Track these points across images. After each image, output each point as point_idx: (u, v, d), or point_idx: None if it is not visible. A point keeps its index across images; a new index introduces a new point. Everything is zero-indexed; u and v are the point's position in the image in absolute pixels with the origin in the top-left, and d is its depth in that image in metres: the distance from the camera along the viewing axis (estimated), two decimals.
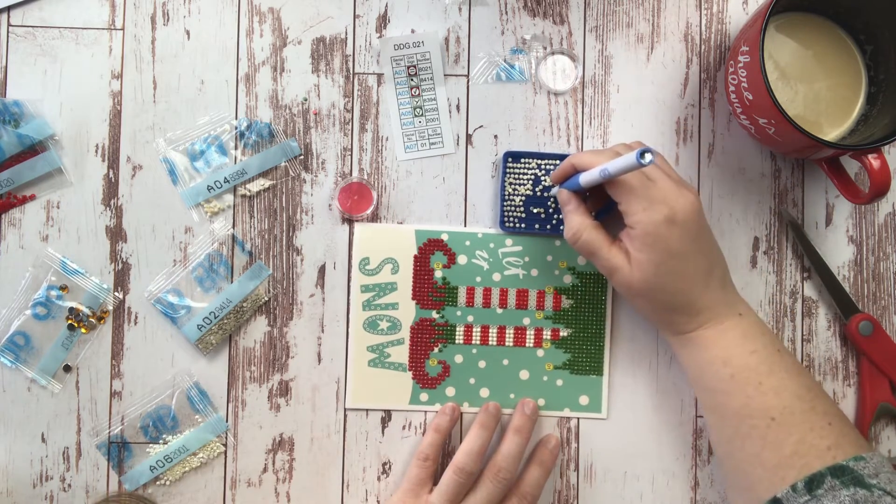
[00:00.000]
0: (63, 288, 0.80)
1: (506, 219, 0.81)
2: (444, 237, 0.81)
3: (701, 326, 0.73)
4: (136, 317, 0.81)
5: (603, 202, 0.79)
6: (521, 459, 0.78)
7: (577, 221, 0.75)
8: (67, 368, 0.80)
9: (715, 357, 0.72)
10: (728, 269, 0.75)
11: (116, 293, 0.81)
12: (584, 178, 0.72)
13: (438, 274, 0.81)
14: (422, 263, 0.81)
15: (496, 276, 0.82)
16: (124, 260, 0.81)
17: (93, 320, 0.80)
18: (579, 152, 0.75)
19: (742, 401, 0.71)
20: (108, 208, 0.81)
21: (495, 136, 0.82)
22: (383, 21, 0.82)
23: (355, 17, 0.82)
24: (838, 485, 0.65)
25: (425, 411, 0.81)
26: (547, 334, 0.82)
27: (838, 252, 0.83)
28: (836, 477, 0.66)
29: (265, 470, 0.81)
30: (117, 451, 0.80)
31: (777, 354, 0.72)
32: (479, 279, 0.82)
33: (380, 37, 0.82)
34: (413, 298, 0.82)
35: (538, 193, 0.81)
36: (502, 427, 0.81)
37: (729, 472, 0.74)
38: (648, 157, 0.61)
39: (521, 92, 0.82)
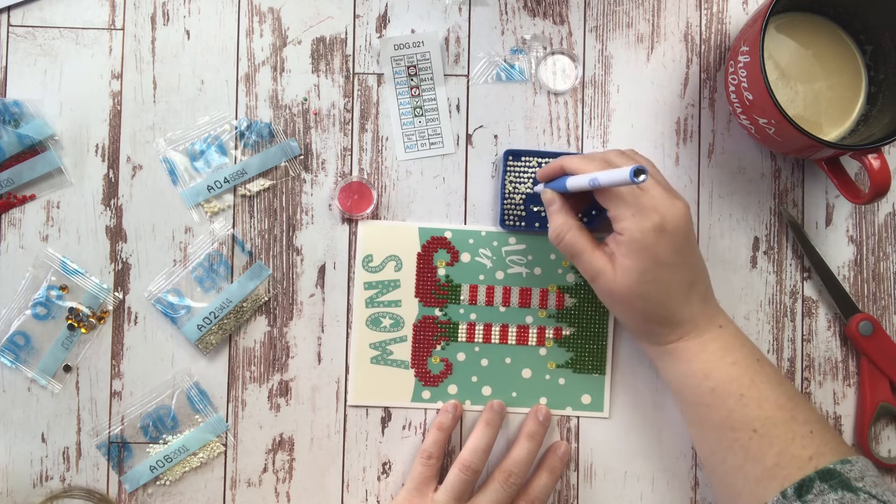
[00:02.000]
0: (63, 288, 0.80)
1: (506, 217, 0.81)
2: (448, 235, 0.81)
3: (681, 339, 0.73)
4: (136, 317, 0.81)
5: (586, 205, 0.79)
6: (531, 465, 0.79)
7: (560, 221, 0.74)
8: (67, 368, 0.80)
9: (696, 370, 0.72)
10: (710, 283, 0.75)
11: (116, 293, 0.81)
12: (572, 183, 0.72)
13: (441, 272, 0.81)
14: (425, 261, 0.82)
15: (499, 275, 0.82)
16: (124, 260, 0.81)
17: (93, 320, 0.80)
18: (570, 155, 0.75)
19: (724, 413, 0.70)
20: (108, 208, 0.81)
21: (495, 136, 0.82)
22: (383, 21, 0.82)
23: (355, 17, 0.82)
24: (826, 489, 0.65)
25: (426, 409, 0.81)
26: (549, 333, 0.82)
27: (838, 252, 0.83)
28: (824, 481, 0.66)
29: (265, 470, 0.81)
30: (117, 451, 0.80)
31: (757, 364, 0.72)
32: (482, 277, 0.82)
33: (380, 37, 0.82)
34: (416, 296, 0.82)
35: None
36: (507, 426, 0.81)
37: (713, 484, 0.74)
38: (643, 176, 0.60)
39: (521, 92, 0.83)
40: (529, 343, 0.82)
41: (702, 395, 0.72)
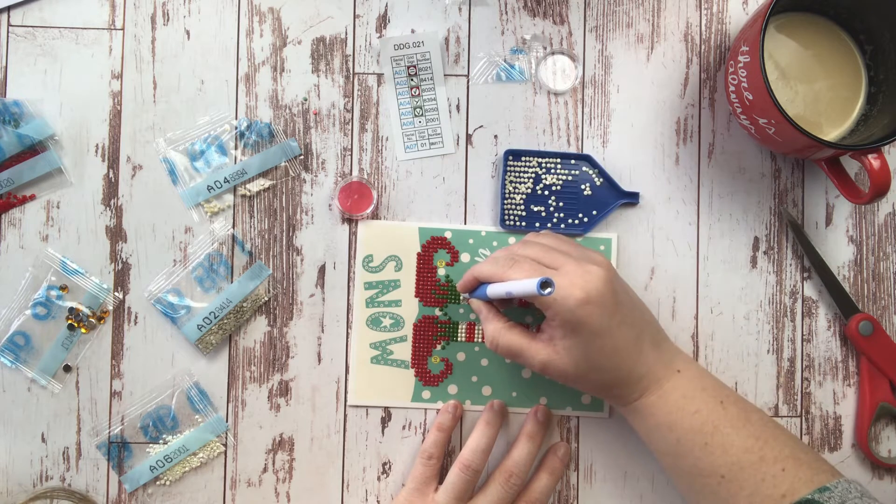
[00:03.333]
0: (63, 288, 0.80)
1: (506, 217, 0.81)
2: (448, 235, 0.81)
3: (643, 395, 0.72)
4: (136, 317, 0.81)
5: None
6: (531, 465, 0.79)
7: (491, 328, 0.75)
8: (67, 368, 0.80)
9: (660, 424, 0.72)
10: (657, 324, 0.75)
11: (116, 293, 0.81)
12: (492, 292, 0.72)
13: (441, 272, 0.81)
14: (425, 261, 0.82)
15: None
16: (124, 260, 0.81)
17: (93, 320, 0.80)
18: (479, 264, 0.76)
19: (691, 462, 0.70)
20: (108, 208, 0.81)
21: (495, 136, 0.82)
22: (383, 21, 0.82)
23: (355, 17, 0.82)
24: None
25: (426, 409, 0.81)
26: None
27: (838, 252, 0.83)
28: None
29: (265, 470, 0.81)
30: (117, 451, 0.80)
31: (720, 408, 0.71)
32: None
33: (380, 37, 0.82)
34: (416, 296, 0.82)
35: (539, 192, 0.81)
36: (507, 427, 0.81)
37: None
38: (549, 289, 0.60)
39: (521, 92, 0.83)
40: None
41: (669, 446, 0.72)
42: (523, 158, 0.81)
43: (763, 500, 0.67)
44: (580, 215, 0.81)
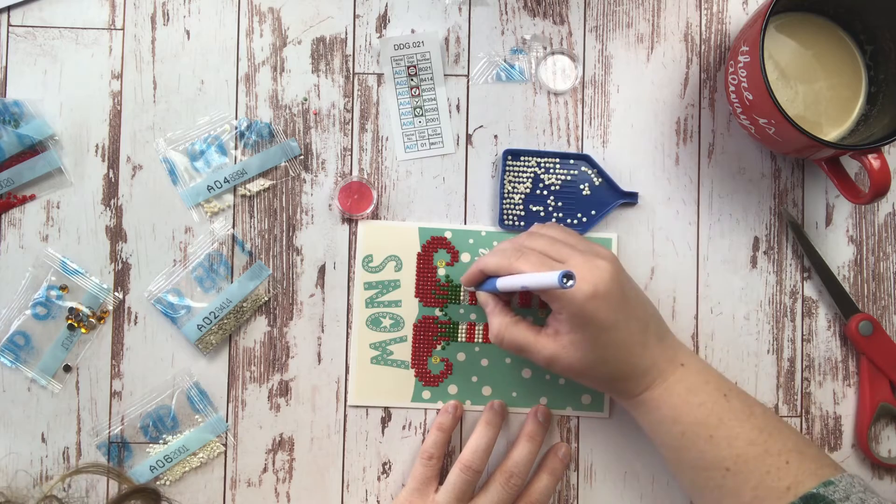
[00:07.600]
0: (63, 288, 0.80)
1: (505, 217, 0.81)
2: (448, 235, 0.81)
3: (647, 388, 0.72)
4: (136, 317, 0.81)
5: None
6: (532, 466, 0.79)
7: (497, 322, 0.75)
8: (67, 368, 0.80)
9: (664, 417, 0.72)
10: (661, 318, 0.75)
11: (116, 293, 0.81)
12: (502, 285, 0.72)
13: (441, 272, 0.81)
14: (425, 261, 0.81)
15: None
16: (124, 260, 0.81)
17: (93, 320, 0.80)
18: (484, 256, 0.76)
19: (695, 455, 0.70)
20: (108, 208, 0.81)
21: (495, 136, 0.82)
22: (383, 21, 0.82)
23: (355, 17, 0.82)
24: None
25: (426, 409, 0.81)
26: None
27: (838, 252, 0.83)
28: None
29: (265, 470, 0.81)
30: (117, 451, 0.80)
31: (724, 401, 0.71)
32: None
33: (380, 37, 0.82)
34: (416, 296, 0.82)
35: (538, 192, 0.81)
36: (507, 427, 0.81)
37: None
38: (571, 282, 0.60)
39: (521, 92, 0.83)
40: None
41: (673, 439, 0.72)
42: (522, 158, 0.81)
43: (768, 493, 0.68)
44: (579, 215, 0.81)
